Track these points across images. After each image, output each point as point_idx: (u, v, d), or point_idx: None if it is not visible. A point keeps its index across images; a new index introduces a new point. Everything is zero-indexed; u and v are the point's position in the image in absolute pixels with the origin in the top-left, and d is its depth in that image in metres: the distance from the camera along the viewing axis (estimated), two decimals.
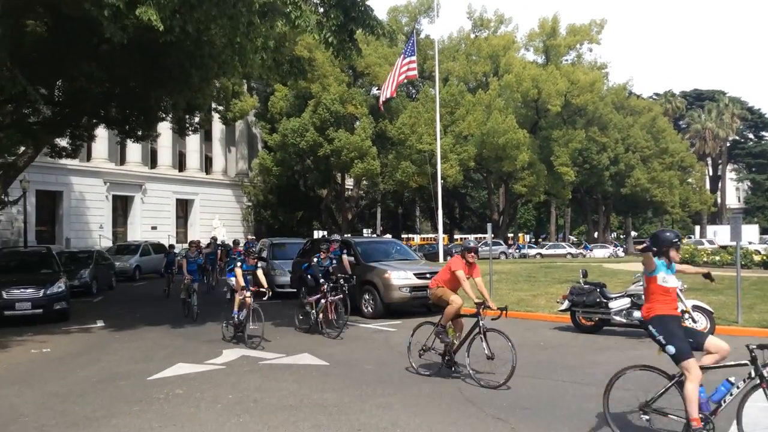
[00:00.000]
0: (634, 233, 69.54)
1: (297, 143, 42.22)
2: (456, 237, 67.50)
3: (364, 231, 53.65)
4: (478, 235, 65.46)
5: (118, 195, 45.78)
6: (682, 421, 5.56)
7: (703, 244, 45.79)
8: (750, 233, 49.42)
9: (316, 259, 13.09)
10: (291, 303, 17.78)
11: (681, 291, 11.37)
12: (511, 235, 61.45)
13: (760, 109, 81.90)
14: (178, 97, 17.31)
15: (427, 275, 15.61)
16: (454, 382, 8.46)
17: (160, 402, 7.69)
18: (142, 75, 16.19)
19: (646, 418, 5.80)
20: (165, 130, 36.21)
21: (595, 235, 65.17)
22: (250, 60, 13.85)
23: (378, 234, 54.18)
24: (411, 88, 52.70)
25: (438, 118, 35.59)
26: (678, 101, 77.83)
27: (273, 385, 8.44)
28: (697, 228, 72.61)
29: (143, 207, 46.91)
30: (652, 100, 73.57)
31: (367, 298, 15.49)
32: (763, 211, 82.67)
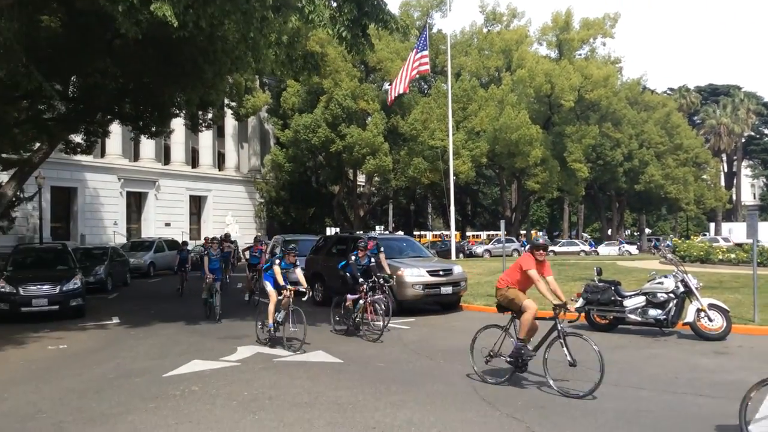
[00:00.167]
0: (648, 230, 69.06)
1: (309, 139, 42.19)
2: (468, 234, 67.35)
3: (376, 228, 53.63)
4: (491, 232, 65.36)
5: (132, 191, 46.02)
6: None
7: (718, 241, 45.41)
8: (766, 230, 48.92)
9: (353, 257, 12.65)
10: (304, 300, 17.80)
11: (697, 289, 11.32)
12: (523, 232, 61.14)
13: None
14: (191, 93, 17.35)
15: (440, 272, 15.60)
16: (468, 381, 8.42)
17: (175, 399, 7.72)
18: (155, 70, 16.24)
19: None
20: (178, 126, 36.39)
21: (609, 232, 64.80)
22: (264, 55, 13.84)
23: (390, 231, 54.16)
24: (423, 83, 52.50)
25: (450, 113, 35.42)
26: (692, 96, 77.15)
27: (287, 382, 8.45)
28: (712, 225, 72.10)
29: (157, 203, 47.13)
30: (666, 95, 72.96)
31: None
32: None
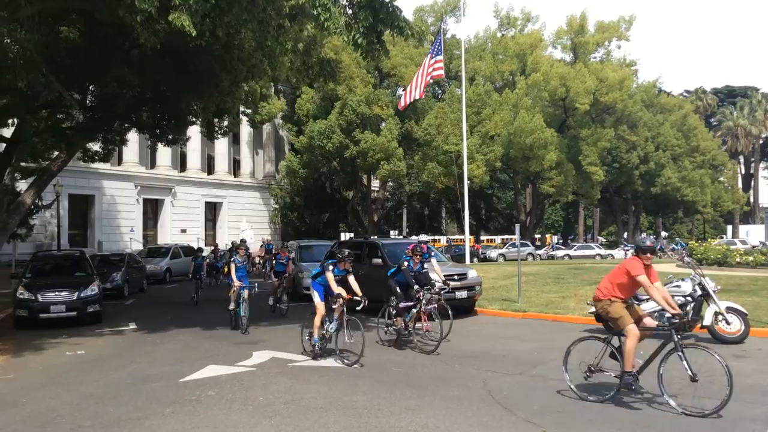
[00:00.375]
0: (664, 233, 68.52)
1: (323, 145, 42.36)
2: (482, 238, 67.13)
3: (390, 233, 53.63)
4: (505, 236, 65.07)
5: (149, 198, 46.48)
6: None
7: (735, 244, 44.83)
8: None
9: (406, 263, 11.88)
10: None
11: (714, 292, 11.20)
12: (538, 236, 60.88)
13: None
14: (207, 101, 17.46)
15: (455, 277, 15.56)
16: (483, 385, 8.42)
17: (192, 403, 7.80)
18: (172, 79, 16.40)
19: None
20: (194, 133, 36.67)
21: (625, 235, 64.36)
22: (279, 63, 13.93)
23: (404, 236, 54.16)
24: (437, 88, 52.53)
25: (464, 118, 35.35)
26: (709, 98, 76.59)
27: (303, 387, 8.50)
28: (729, 228, 71.42)
29: (173, 210, 47.53)
30: (682, 97, 72.53)
31: (394, 299, 15.44)
32: None
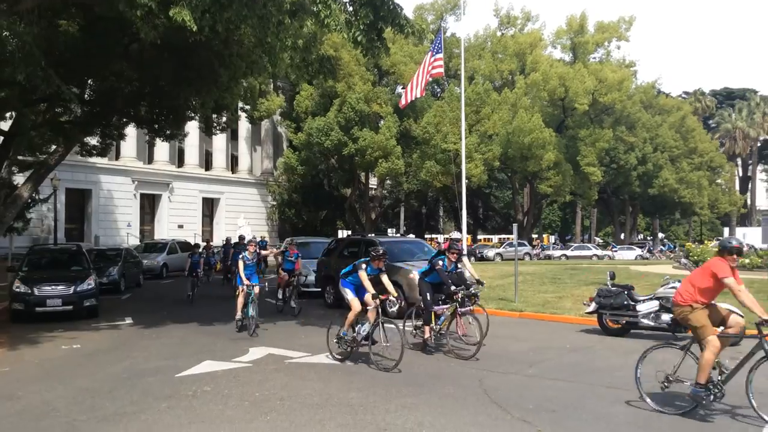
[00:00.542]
0: (661, 234, 68.65)
1: (322, 142, 42.33)
2: (479, 237, 67.20)
3: (388, 231, 53.63)
4: (503, 235, 65.17)
5: (146, 193, 46.41)
6: None
7: None
8: None
9: (441, 262, 11.03)
10: (316, 302, 17.89)
11: None
12: (535, 236, 60.90)
13: None
14: (206, 97, 17.44)
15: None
16: (479, 384, 8.43)
17: (188, 399, 7.80)
18: (171, 74, 16.36)
19: None
20: (192, 129, 36.61)
21: (622, 236, 64.45)
22: (279, 59, 13.90)
23: (402, 234, 54.15)
24: (436, 86, 52.47)
25: (463, 117, 35.16)
26: (708, 100, 76.68)
27: (299, 384, 8.50)
28: (726, 230, 71.37)
29: (170, 205, 47.47)
30: (681, 98, 72.59)
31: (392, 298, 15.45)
32: None
